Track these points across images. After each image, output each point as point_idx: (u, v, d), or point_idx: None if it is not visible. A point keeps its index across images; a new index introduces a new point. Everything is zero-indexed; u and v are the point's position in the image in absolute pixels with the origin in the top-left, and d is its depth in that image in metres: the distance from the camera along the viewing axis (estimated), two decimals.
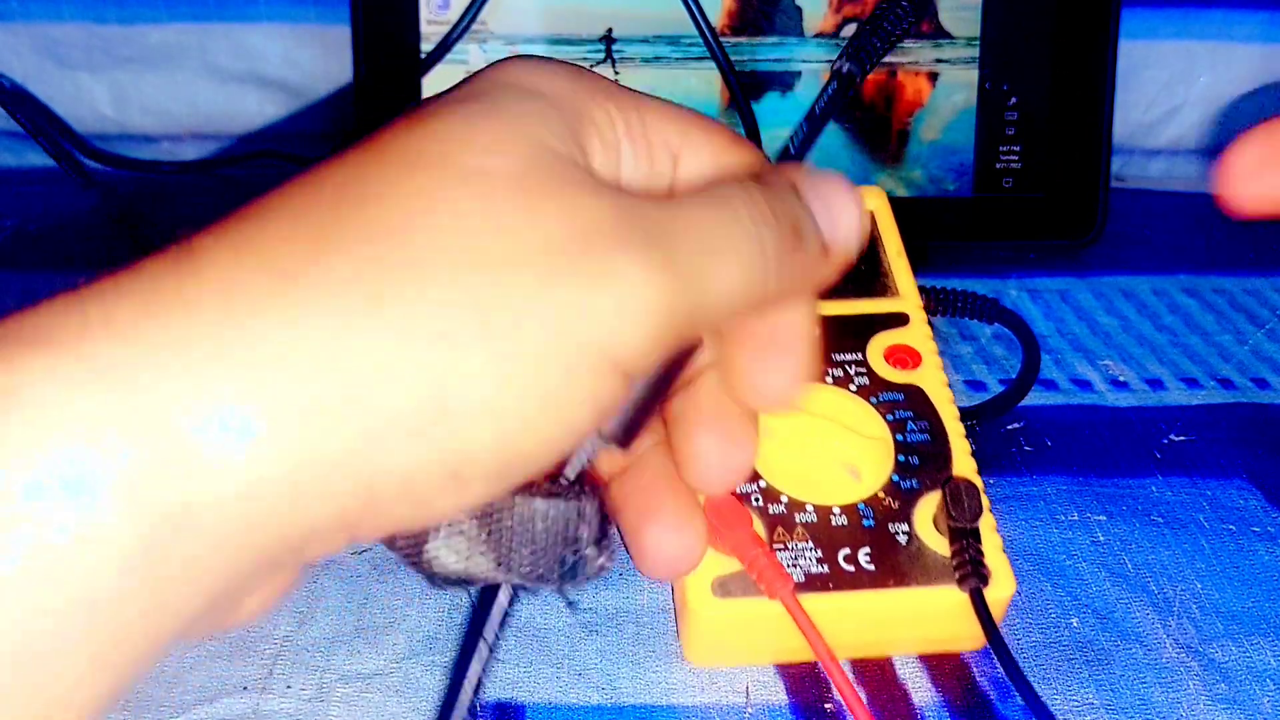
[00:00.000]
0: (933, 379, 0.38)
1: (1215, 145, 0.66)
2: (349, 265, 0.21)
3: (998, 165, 0.57)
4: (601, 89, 0.27)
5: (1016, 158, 0.57)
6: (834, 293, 0.36)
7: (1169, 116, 0.65)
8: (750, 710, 0.34)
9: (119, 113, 0.64)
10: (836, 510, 0.35)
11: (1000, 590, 0.33)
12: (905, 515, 0.35)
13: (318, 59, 0.63)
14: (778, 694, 0.34)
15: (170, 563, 0.19)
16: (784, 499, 0.35)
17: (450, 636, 0.36)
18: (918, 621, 0.34)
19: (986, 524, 0.34)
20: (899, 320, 0.40)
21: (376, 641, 0.36)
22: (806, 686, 0.35)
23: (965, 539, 0.33)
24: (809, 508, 0.35)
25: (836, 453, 0.36)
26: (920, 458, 0.36)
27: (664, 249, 0.23)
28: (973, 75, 0.57)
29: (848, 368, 0.38)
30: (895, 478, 0.36)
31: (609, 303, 0.22)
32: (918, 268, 0.42)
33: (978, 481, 0.35)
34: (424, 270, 0.22)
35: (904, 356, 0.39)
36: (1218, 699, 0.34)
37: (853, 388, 0.38)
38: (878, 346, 0.39)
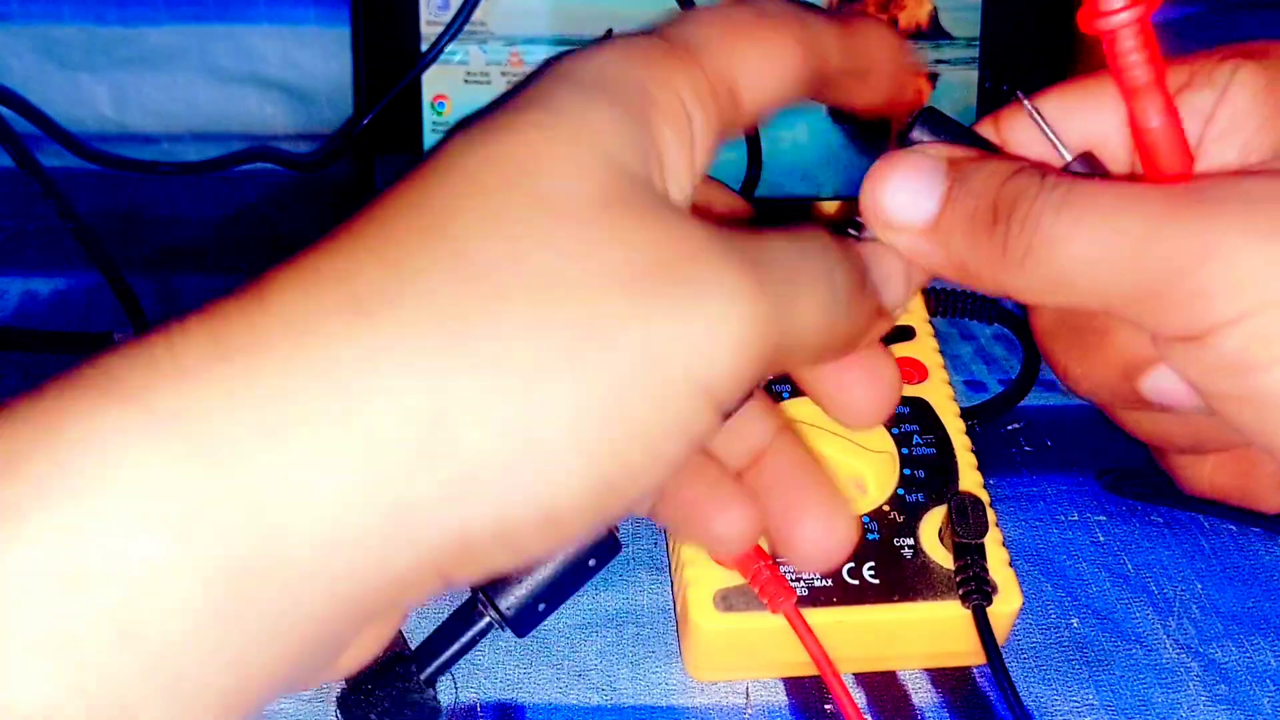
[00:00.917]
0: (939, 392, 0.38)
1: None
2: (427, 299, 0.20)
3: None
4: (661, 65, 0.24)
5: None
6: None
7: None
8: (750, 712, 0.34)
9: (119, 113, 0.64)
10: None
11: (1006, 604, 0.33)
12: (910, 529, 0.35)
13: (318, 60, 0.63)
14: (778, 696, 0.34)
15: (249, 616, 0.19)
16: None
17: None
18: (921, 636, 0.34)
19: (993, 538, 0.34)
20: (905, 334, 0.40)
21: None
22: (806, 689, 0.34)
23: (970, 555, 0.33)
24: None
25: (842, 466, 0.36)
26: (926, 471, 0.36)
27: (755, 273, 0.22)
28: (973, 76, 0.57)
29: None
30: (900, 491, 0.35)
31: (701, 327, 0.21)
32: None
33: (984, 496, 0.35)
34: (506, 302, 0.20)
35: (910, 370, 0.38)
36: (1218, 699, 0.34)
37: None
38: None
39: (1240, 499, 0.31)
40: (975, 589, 0.33)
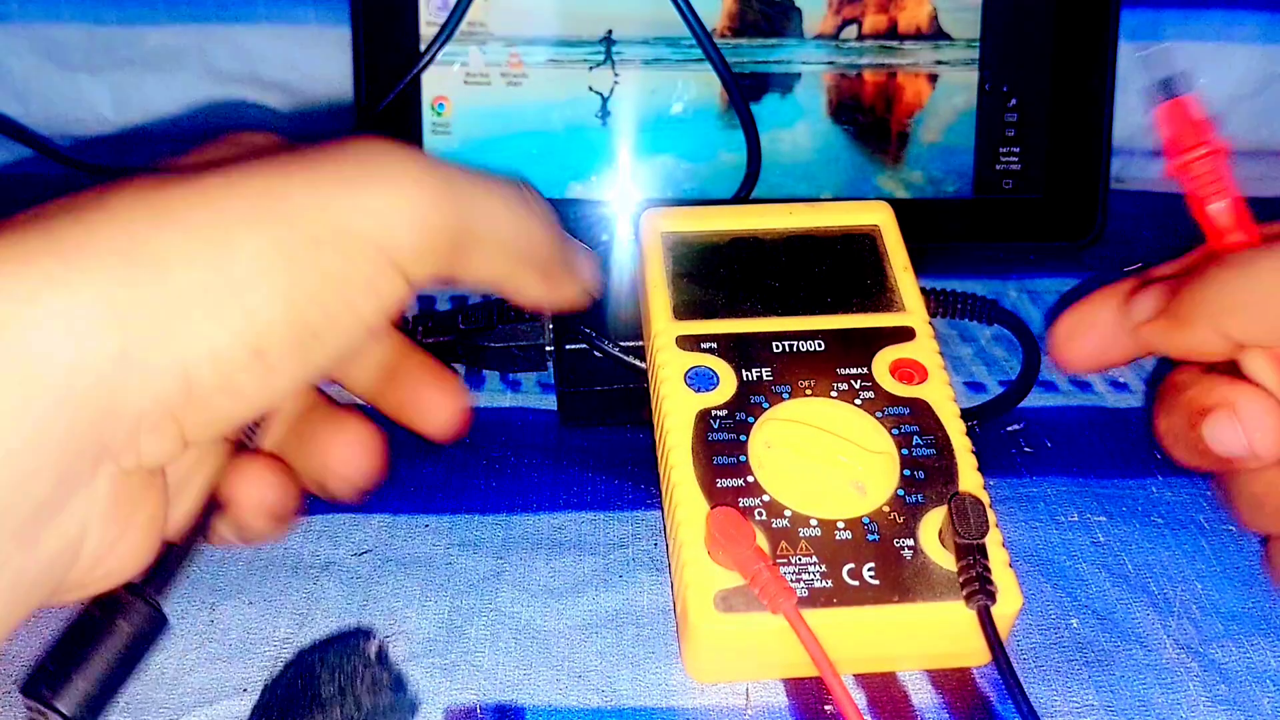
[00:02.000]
0: (939, 393, 0.38)
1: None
2: (133, 191, 0.25)
3: (998, 167, 0.57)
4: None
5: (1016, 159, 0.57)
6: (839, 307, 0.40)
7: None
8: (750, 713, 0.34)
9: (119, 114, 0.64)
10: (841, 525, 0.34)
11: (1007, 606, 0.33)
12: (910, 530, 0.34)
13: (317, 60, 0.63)
14: (778, 697, 0.34)
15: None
16: (787, 513, 0.34)
17: (451, 639, 0.36)
18: (923, 637, 0.34)
19: (993, 539, 0.34)
20: (905, 335, 0.39)
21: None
22: (806, 690, 0.34)
23: (972, 555, 0.33)
24: (813, 522, 0.34)
25: (841, 467, 0.36)
26: (926, 472, 0.36)
27: (438, 170, 0.28)
28: (972, 77, 0.57)
29: (853, 382, 0.38)
30: (900, 492, 0.35)
31: (382, 201, 0.26)
32: (918, 268, 0.42)
33: (984, 497, 0.35)
34: (207, 178, 0.26)
35: (910, 371, 0.38)
36: (1218, 700, 0.34)
37: (857, 402, 0.37)
38: (884, 361, 0.38)
39: None
40: (979, 589, 0.32)
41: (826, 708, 0.34)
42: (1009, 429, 0.46)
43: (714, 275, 0.41)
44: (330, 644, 0.30)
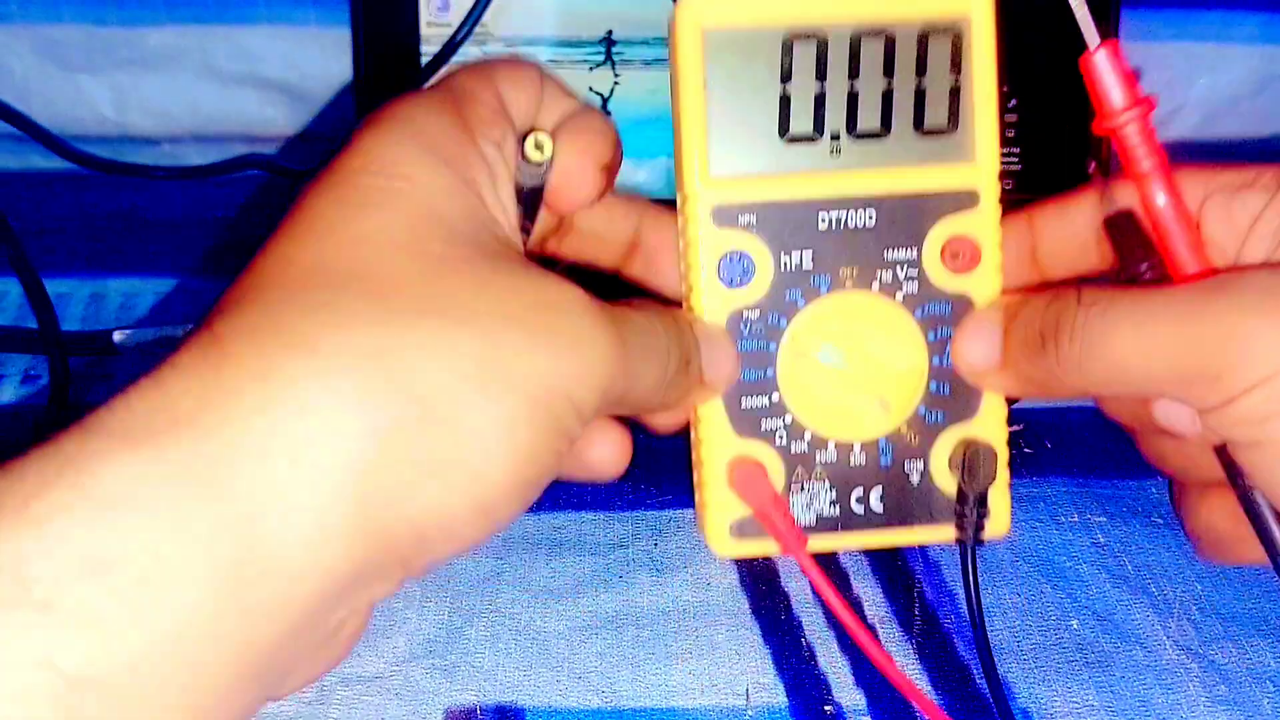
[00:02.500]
0: (986, 285, 0.35)
1: (1215, 147, 0.66)
2: (358, 339, 0.25)
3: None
4: (465, 134, 0.30)
5: (1016, 160, 0.57)
6: (901, 153, 0.35)
7: (1168, 118, 0.65)
8: (750, 713, 0.34)
9: (119, 115, 0.64)
10: (857, 448, 0.35)
11: (995, 530, 0.35)
12: (923, 452, 0.35)
13: (318, 61, 0.63)
14: (778, 697, 0.34)
15: (249, 603, 0.23)
16: (807, 435, 0.35)
17: (451, 639, 0.36)
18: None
19: (1000, 462, 0.35)
20: (967, 201, 0.35)
21: (376, 644, 0.36)
22: (807, 688, 0.35)
23: (970, 500, 0.34)
24: (830, 446, 0.35)
25: (866, 383, 0.35)
26: (953, 385, 0.35)
27: (619, 333, 0.29)
28: None
29: (899, 270, 0.35)
30: (922, 409, 0.35)
31: (578, 367, 0.28)
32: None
33: (1001, 433, 0.35)
34: (418, 330, 0.26)
35: (963, 251, 0.35)
36: (1218, 700, 0.34)
37: (900, 295, 0.35)
38: (937, 239, 0.35)
39: (1232, 542, 0.33)
40: (971, 534, 0.34)
41: (826, 709, 0.34)
42: (1009, 429, 0.45)
43: (763, 97, 0.34)
44: None
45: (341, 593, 0.25)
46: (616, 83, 0.56)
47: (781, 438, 0.35)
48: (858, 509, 0.35)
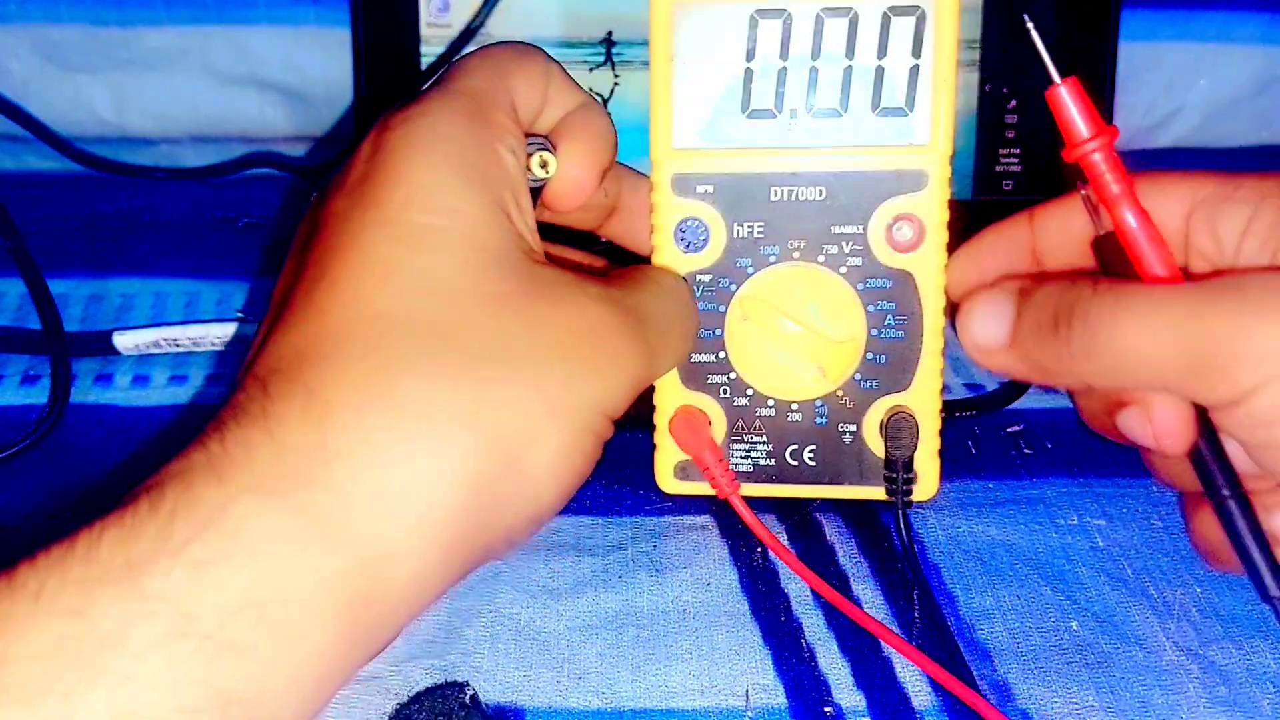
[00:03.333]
0: (929, 264, 0.36)
1: (1216, 147, 0.66)
2: (446, 400, 0.28)
3: (998, 168, 0.57)
4: (489, 130, 0.32)
5: (1017, 160, 0.57)
6: (854, 131, 0.36)
7: (1169, 119, 0.65)
8: (750, 714, 0.34)
9: (119, 115, 0.64)
10: (794, 407, 0.38)
11: (923, 494, 0.38)
12: (856, 416, 0.38)
13: (317, 61, 0.63)
14: (778, 698, 0.34)
15: (360, 634, 0.27)
16: (749, 392, 0.38)
17: (450, 640, 0.36)
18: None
19: (930, 430, 0.37)
20: (915, 181, 0.36)
21: None
22: (806, 690, 0.35)
23: (897, 465, 0.37)
24: (770, 403, 0.38)
25: (804, 350, 0.37)
26: (889, 357, 0.37)
27: (645, 339, 0.32)
28: (973, 78, 0.57)
29: (844, 244, 0.37)
30: (858, 377, 0.37)
31: (615, 385, 0.31)
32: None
33: (932, 404, 0.37)
34: (499, 385, 0.29)
35: (908, 230, 0.36)
36: (1218, 701, 0.34)
37: (843, 270, 0.37)
38: (883, 218, 0.36)
39: (1225, 551, 0.33)
40: (899, 498, 0.37)
41: (826, 709, 0.34)
42: (1009, 430, 0.46)
43: (727, 72, 0.36)
44: (426, 695, 0.34)
45: (425, 608, 0.29)
46: (617, 83, 0.56)
47: (725, 392, 0.38)
48: (792, 462, 0.38)
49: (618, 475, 0.43)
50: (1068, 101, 0.34)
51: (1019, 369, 0.35)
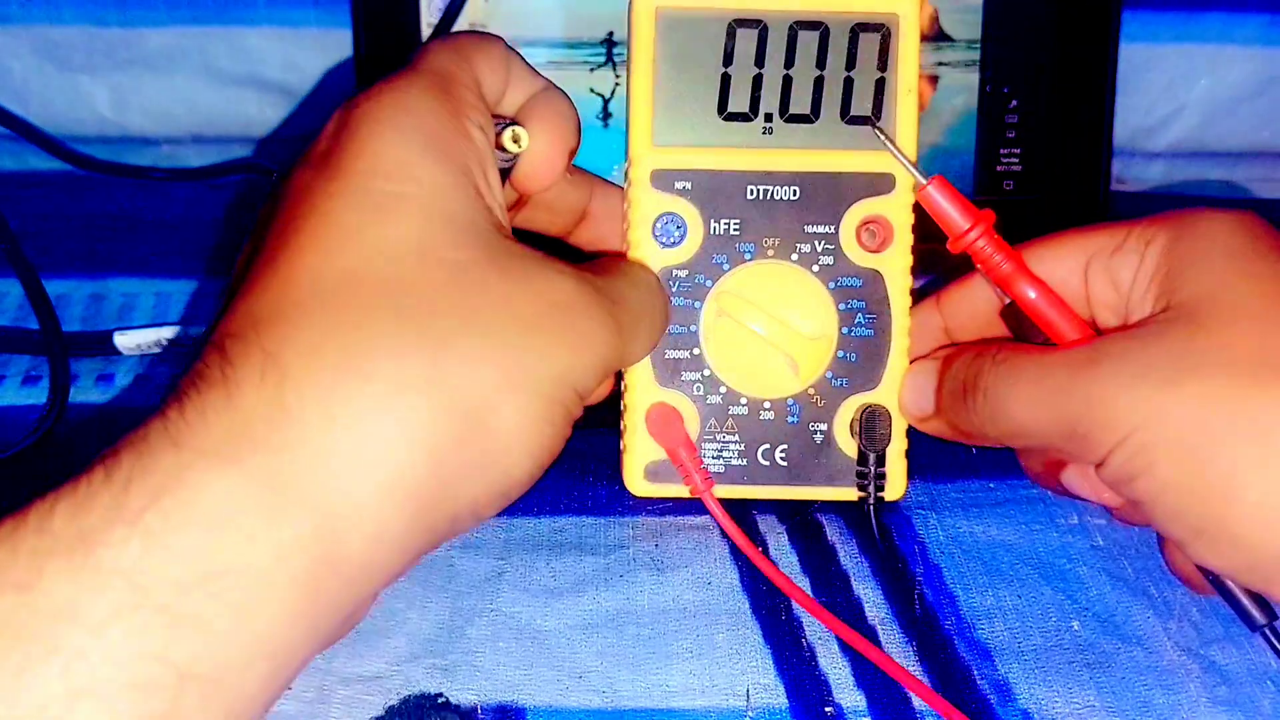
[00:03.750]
0: (896, 264, 0.38)
1: (1215, 148, 0.66)
2: (407, 364, 0.27)
3: (998, 168, 0.57)
4: (459, 108, 0.32)
5: (1017, 160, 0.57)
6: (825, 136, 0.38)
7: (1169, 119, 0.65)
8: (751, 714, 0.34)
9: (119, 115, 0.64)
10: (767, 405, 0.38)
11: (893, 494, 0.39)
12: (828, 415, 0.38)
13: (318, 62, 0.63)
14: (778, 697, 0.34)
15: (322, 599, 0.26)
16: (722, 389, 0.38)
17: (451, 639, 0.36)
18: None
19: (899, 431, 0.38)
20: (884, 185, 0.38)
21: (377, 644, 0.36)
22: (807, 689, 0.35)
23: (869, 460, 0.38)
24: (742, 400, 0.38)
25: (779, 343, 0.38)
26: (859, 355, 0.38)
27: (617, 321, 0.32)
28: (974, 78, 0.57)
29: (816, 244, 0.38)
30: (830, 375, 0.38)
31: (588, 360, 0.31)
32: (918, 270, 0.41)
33: (893, 401, 0.38)
34: (462, 351, 0.28)
35: (877, 232, 0.38)
36: (1219, 701, 0.34)
37: (816, 268, 0.38)
38: (853, 219, 0.38)
39: (1201, 583, 0.35)
40: (871, 493, 0.38)
41: (827, 709, 0.34)
42: None
43: (706, 76, 0.38)
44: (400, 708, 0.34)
45: (391, 579, 0.28)
46: (617, 83, 0.56)
47: (699, 389, 0.38)
48: (764, 462, 0.38)
49: (619, 477, 0.43)
50: (939, 199, 0.37)
51: (947, 433, 0.38)
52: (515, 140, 0.34)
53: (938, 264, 0.41)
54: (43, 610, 0.23)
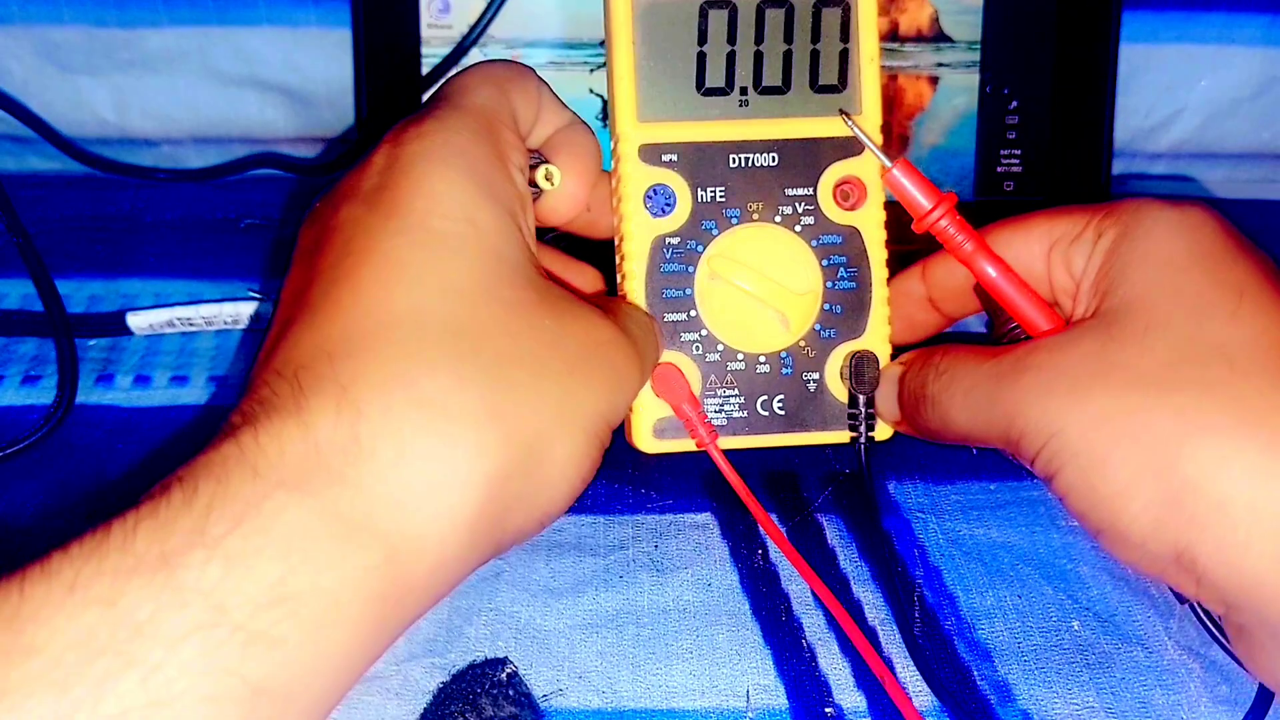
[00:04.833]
0: (871, 219, 0.40)
1: (1216, 149, 0.66)
2: (472, 399, 0.29)
3: (999, 169, 0.57)
4: (499, 145, 0.34)
5: (1018, 161, 0.57)
6: (798, 105, 0.40)
7: (1170, 120, 0.65)
8: (751, 714, 0.34)
9: (119, 116, 0.64)
10: (762, 359, 0.40)
11: (882, 433, 0.40)
12: (819, 364, 0.40)
13: (318, 62, 0.63)
14: (778, 698, 0.34)
15: (387, 624, 0.28)
16: (720, 347, 0.40)
17: (451, 639, 0.36)
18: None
19: (888, 376, 0.39)
20: (855, 148, 0.40)
21: None
22: (807, 690, 0.34)
23: (860, 403, 0.39)
24: (739, 356, 0.40)
25: (769, 300, 0.39)
26: (844, 307, 0.40)
27: (641, 359, 0.35)
28: (974, 79, 0.57)
29: (798, 205, 0.40)
30: (818, 327, 0.40)
31: (620, 398, 0.34)
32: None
33: (885, 349, 0.40)
34: (521, 389, 0.30)
35: (852, 191, 0.40)
36: (1219, 700, 0.34)
37: (798, 228, 0.40)
38: (830, 180, 0.40)
39: None
40: (863, 432, 0.39)
41: (827, 710, 0.34)
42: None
43: (683, 56, 0.40)
44: (467, 671, 0.35)
45: (443, 598, 0.30)
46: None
47: (698, 348, 0.40)
48: (763, 413, 0.40)
49: (619, 474, 0.43)
50: (903, 181, 0.38)
51: (918, 434, 0.39)
52: (549, 179, 0.37)
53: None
54: (125, 625, 0.24)
